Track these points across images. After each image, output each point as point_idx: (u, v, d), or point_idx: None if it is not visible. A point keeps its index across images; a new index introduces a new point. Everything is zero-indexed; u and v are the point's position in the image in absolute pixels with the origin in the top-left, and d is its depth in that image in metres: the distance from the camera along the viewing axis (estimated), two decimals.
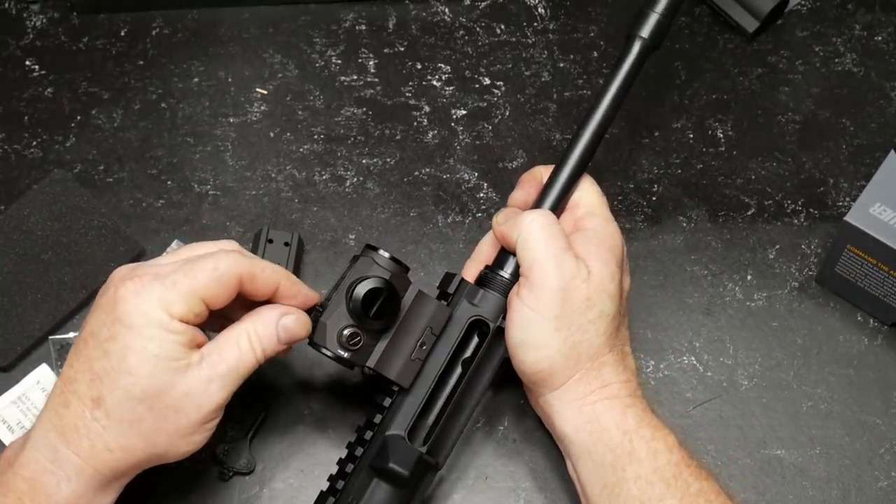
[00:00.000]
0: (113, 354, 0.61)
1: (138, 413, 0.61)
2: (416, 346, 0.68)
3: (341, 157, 0.85)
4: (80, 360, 0.62)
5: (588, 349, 0.67)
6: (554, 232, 0.68)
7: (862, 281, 0.76)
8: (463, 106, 0.87)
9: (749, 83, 0.88)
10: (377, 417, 0.68)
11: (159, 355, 0.61)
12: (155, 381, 0.61)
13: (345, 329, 0.66)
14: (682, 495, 0.64)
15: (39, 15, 0.90)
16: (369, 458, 0.67)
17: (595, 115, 0.71)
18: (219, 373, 0.62)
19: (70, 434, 0.61)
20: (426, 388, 0.68)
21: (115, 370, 0.61)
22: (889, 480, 0.75)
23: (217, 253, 0.64)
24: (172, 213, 0.83)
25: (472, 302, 0.70)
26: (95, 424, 0.61)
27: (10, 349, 0.77)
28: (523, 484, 0.74)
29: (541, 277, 0.67)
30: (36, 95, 0.87)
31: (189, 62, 0.88)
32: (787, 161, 0.85)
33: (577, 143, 0.71)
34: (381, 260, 0.68)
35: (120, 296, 0.61)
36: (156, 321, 0.61)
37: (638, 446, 0.66)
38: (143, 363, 0.60)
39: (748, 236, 0.82)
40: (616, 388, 0.68)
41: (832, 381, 0.78)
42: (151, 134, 0.86)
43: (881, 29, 0.90)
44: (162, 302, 0.61)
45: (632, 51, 0.71)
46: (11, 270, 0.79)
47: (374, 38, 0.89)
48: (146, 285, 0.61)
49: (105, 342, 0.61)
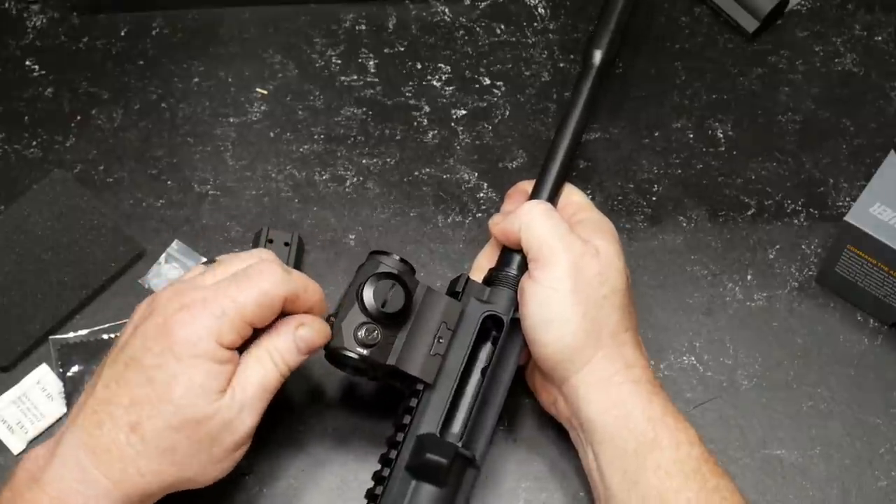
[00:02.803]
0: (158, 383, 0.60)
1: (175, 441, 0.61)
2: (433, 342, 0.68)
3: (341, 157, 0.85)
4: (118, 382, 0.61)
5: (606, 325, 0.68)
6: (555, 216, 0.70)
7: (862, 281, 0.77)
8: (463, 106, 0.87)
9: (749, 83, 0.88)
10: (406, 419, 0.67)
11: (204, 386, 0.61)
12: (196, 412, 0.61)
13: (360, 327, 0.66)
14: (699, 489, 0.64)
15: (39, 15, 0.90)
16: (405, 461, 0.66)
17: (571, 120, 0.74)
18: (248, 396, 0.63)
19: (102, 455, 0.61)
20: (450, 384, 0.68)
21: (158, 399, 0.60)
22: (889, 480, 0.75)
23: (262, 271, 0.63)
24: (172, 213, 0.83)
25: (481, 299, 0.70)
26: (130, 449, 0.60)
27: (10, 349, 0.77)
28: (523, 483, 0.74)
29: (552, 255, 0.68)
30: (36, 95, 0.87)
31: (189, 62, 0.88)
32: (787, 161, 0.85)
33: (560, 145, 0.74)
34: (387, 260, 0.68)
35: (171, 327, 0.61)
36: (205, 352, 0.61)
37: (661, 435, 0.66)
38: (188, 393, 0.60)
39: (748, 236, 0.82)
40: (638, 372, 0.68)
41: (832, 381, 0.78)
42: (151, 134, 0.86)
43: (881, 29, 0.90)
44: (212, 332, 0.61)
45: (593, 62, 0.76)
46: (11, 270, 0.79)
47: (374, 38, 0.89)
48: (197, 316, 0.61)
49: (150, 369, 0.61)
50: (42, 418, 0.75)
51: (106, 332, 0.77)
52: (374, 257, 0.69)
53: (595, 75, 0.76)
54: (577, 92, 0.75)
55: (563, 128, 0.75)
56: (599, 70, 0.76)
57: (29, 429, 0.75)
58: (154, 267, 0.80)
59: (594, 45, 0.76)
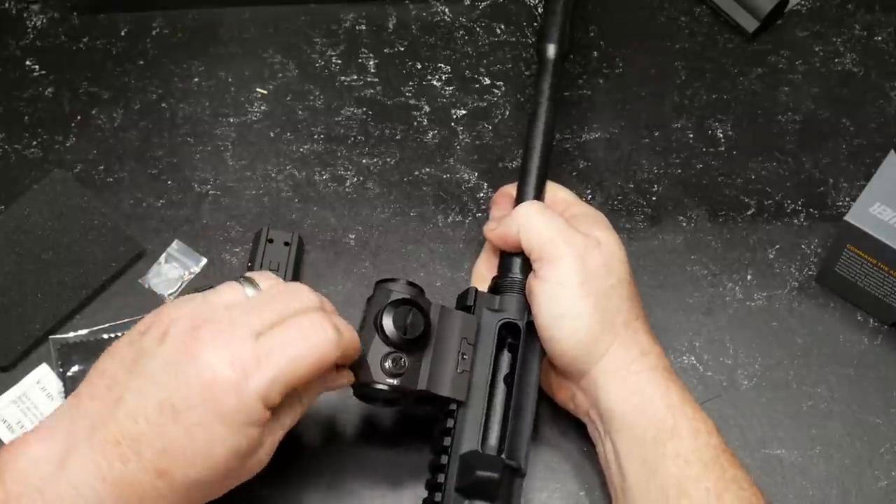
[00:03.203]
0: (198, 441, 0.57)
1: (203, 492, 0.59)
2: (458, 359, 0.67)
3: (341, 157, 0.85)
4: (149, 422, 0.57)
5: (618, 315, 0.68)
6: (551, 213, 0.70)
7: (862, 281, 0.77)
8: (463, 106, 0.87)
9: (749, 83, 0.88)
10: (446, 440, 0.66)
11: (243, 448, 0.58)
12: (229, 469, 0.59)
13: (386, 357, 0.65)
14: (717, 479, 0.64)
15: (39, 15, 0.90)
16: (453, 483, 0.65)
17: (539, 119, 0.75)
18: (276, 440, 0.61)
19: (124, 491, 0.57)
20: (481, 398, 0.67)
21: (195, 455, 0.57)
22: (889, 480, 0.75)
23: (316, 333, 0.60)
24: (172, 213, 0.83)
25: (492, 309, 0.70)
26: (154, 491, 0.57)
27: (10, 349, 0.77)
28: (523, 483, 0.74)
29: (555, 252, 0.68)
30: (36, 95, 0.87)
31: (189, 62, 0.88)
32: (787, 161, 0.85)
33: (534, 145, 0.74)
34: (396, 286, 0.67)
35: (220, 390, 0.57)
36: (254, 421, 0.58)
37: (680, 423, 0.66)
38: (227, 456, 0.58)
39: (748, 236, 0.82)
40: (654, 359, 0.68)
41: (832, 380, 0.78)
42: (151, 134, 0.86)
43: (881, 29, 0.90)
44: (262, 398, 0.58)
45: (548, 56, 0.77)
46: (11, 270, 0.79)
47: (374, 38, 0.89)
48: (250, 381, 0.57)
49: (192, 426, 0.57)
50: (42, 418, 0.75)
51: (106, 332, 0.77)
52: (382, 286, 0.68)
53: (552, 69, 0.76)
54: (539, 90, 0.76)
55: (534, 127, 0.75)
56: (556, 63, 0.77)
57: (29, 428, 0.75)
58: (154, 267, 0.80)
59: (545, 39, 0.77)
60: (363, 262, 0.81)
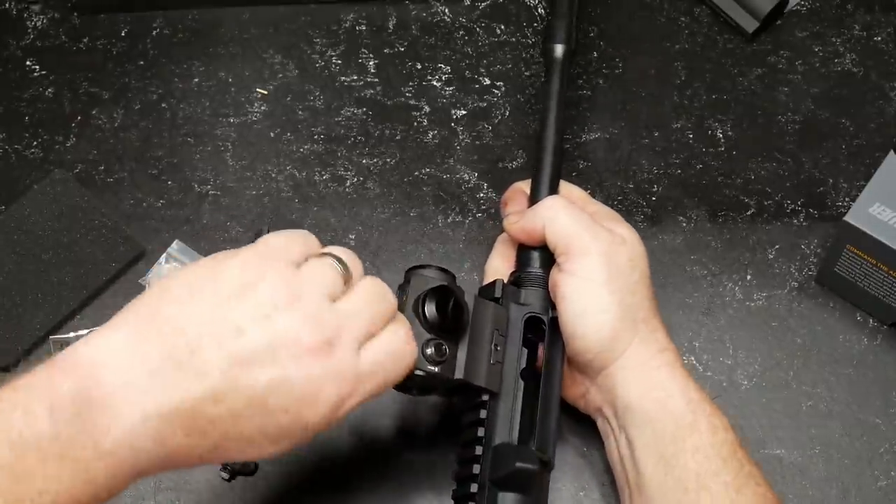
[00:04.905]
0: (270, 433, 0.56)
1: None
2: (491, 350, 0.67)
3: (341, 157, 0.85)
4: (231, 410, 0.54)
5: (639, 311, 0.68)
6: (576, 208, 0.71)
7: (862, 281, 0.77)
8: (463, 106, 0.87)
9: (749, 83, 0.88)
10: (480, 431, 0.66)
11: (299, 443, 0.57)
12: (276, 455, 0.57)
13: (428, 344, 0.64)
14: (735, 474, 0.65)
15: (40, 15, 0.90)
16: (487, 475, 0.65)
17: (549, 119, 0.75)
18: None
19: (189, 422, 0.53)
20: (511, 391, 0.67)
21: (266, 441, 0.56)
22: (889, 480, 0.75)
23: (405, 356, 0.60)
24: (172, 213, 0.83)
25: (518, 302, 0.70)
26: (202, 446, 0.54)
27: (11, 349, 0.77)
28: None
29: (582, 247, 0.68)
30: (36, 95, 0.87)
31: (189, 62, 0.89)
32: (786, 161, 0.85)
33: (547, 144, 0.74)
34: (430, 272, 0.66)
35: (314, 398, 0.56)
36: (329, 423, 0.57)
37: (699, 418, 0.66)
38: (278, 451, 0.57)
39: (748, 236, 0.82)
40: (671, 356, 0.68)
41: (832, 380, 0.78)
42: (152, 134, 0.86)
43: (881, 29, 0.90)
44: (345, 410, 0.58)
45: (556, 55, 0.77)
46: (11, 270, 0.79)
47: (374, 38, 0.90)
48: (345, 404, 0.57)
49: (271, 426, 0.55)
50: None
51: None
52: (417, 273, 0.66)
53: (561, 69, 0.77)
54: (549, 91, 0.76)
55: (545, 127, 0.75)
56: (563, 63, 0.77)
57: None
58: (154, 267, 0.80)
59: (553, 40, 0.77)
60: (363, 263, 0.81)
